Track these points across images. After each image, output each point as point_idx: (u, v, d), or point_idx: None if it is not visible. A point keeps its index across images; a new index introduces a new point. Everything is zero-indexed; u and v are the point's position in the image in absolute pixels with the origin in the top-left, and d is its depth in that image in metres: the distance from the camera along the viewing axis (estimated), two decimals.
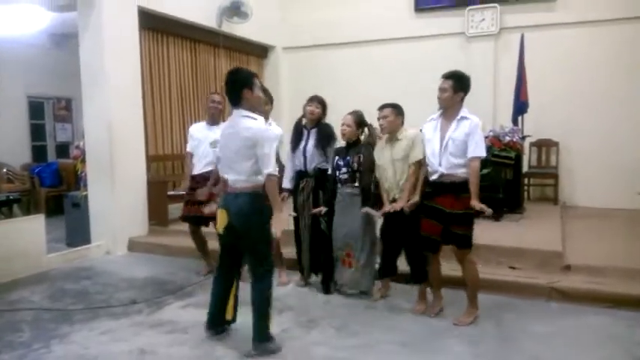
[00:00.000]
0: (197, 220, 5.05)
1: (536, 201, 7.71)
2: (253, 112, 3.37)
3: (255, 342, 3.35)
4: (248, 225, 3.30)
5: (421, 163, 3.92)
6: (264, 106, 4.30)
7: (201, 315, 4.05)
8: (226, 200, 3.39)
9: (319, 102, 4.59)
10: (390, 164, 4.05)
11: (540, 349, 3.43)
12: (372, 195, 4.22)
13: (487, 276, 4.42)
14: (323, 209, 4.39)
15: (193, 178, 5.04)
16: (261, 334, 3.35)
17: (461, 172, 3.68)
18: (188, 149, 5.17)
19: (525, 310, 4.09)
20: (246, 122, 3.28)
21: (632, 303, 3.99)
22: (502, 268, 4.66)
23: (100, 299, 4.53)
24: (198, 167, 5.02)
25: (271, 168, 3.23)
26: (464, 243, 3.74)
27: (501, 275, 4.52)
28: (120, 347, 3.53)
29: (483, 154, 3.69)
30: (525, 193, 7.52)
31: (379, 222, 4.30)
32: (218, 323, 3.59)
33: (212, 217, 4.96)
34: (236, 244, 3.43)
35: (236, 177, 3.32)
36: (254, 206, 3.29)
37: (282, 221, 3.37)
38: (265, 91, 4.32)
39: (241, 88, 3.30)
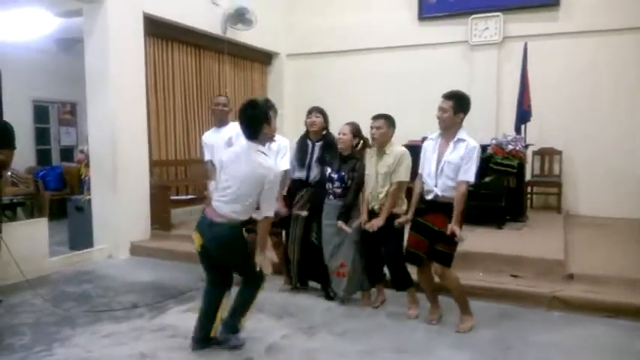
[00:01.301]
0: None
1: (539, 209, 7.69)
2: (264, 143, 3.42)
3: (223, 332, 3.46)
4: (222, 252, 3.34)
5: (403, 184, 4.01)
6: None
7: None
8: (201, 225, 3.36)
9: (319, 111, 4.57)
10: (373, 175, 4.12)
11: (541, 358, 3.42)
12: (351, 211, 4.25)
13: (489, 284, 4.44)
14: (303, 213, 4.42)
15: None
16: (232, 326, 3.46)
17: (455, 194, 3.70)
18: (206, 158, 5.07)
19: (527, 318, 4.08)
20: (260, 159, 3.27)
21: (634, 313, 3.98)
22: (504, 277, 4.65)
23: (101, 303, 4.54)
24: None
25: (271, 211, 3.32)
26: (445, 260, 3.75)
27: (503, 283, 4.51)
28: (121, 351, 3.54)
29: (471, 179, 3.66)
30: (528, 202, 7.51)
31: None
32: (204, 340, 3.50)
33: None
34: (215, 261, 3.44)
35: (230, 207, 3.27)
36: (230, 236, 3.29)
37: (267, 260, 3.44)
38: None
39: (262, 124, 3.30)
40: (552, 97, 7.54)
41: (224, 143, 4.90)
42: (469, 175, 3.65)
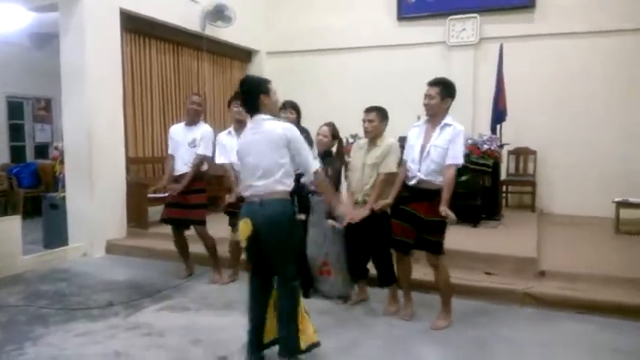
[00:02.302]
0: (178, 223, 5.04)
1: (514, 208, 7.81)
2: (269, 114, 3.25)
3: (281, 357, 3.17)
4: (276, 234, 3.09)
5: (392, 175, 3.96)
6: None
7: (178, 318, 4.05)
8: (250, 209, 3.14)
9: (292, 107, 4.63)
10: (360, 167, 4.09)
11: (514, 354, 3.48)
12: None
13: (463, 282, 4.47)
14: (303, 216, 4.32)
15: (176, 179, 5.02)
16: (287, 347, 3.16)
17: (439, 180, 3.70)
18: (169, 151, 5.16)
19: (500, 315, 4.14)
20: (271, 124, 3.14)
21: (605, 309, 4.07)
22: (478, 274, 4.71)
23: (76, 301, 4.49)
24: (179, 168, 5.01)
25: (316, 165, 3.24)
26: (435, 249, 3.79)
27: (477, 281, 4.57)
28: (95, 350, 3.51)
29: (460, 161, 3.70)
30: (503, 201, 7.64)
31: None
32: (258, 348, 3.24)
33: (194, 221, 4.98)
34: (263, 252, 3.18)
35: (263, 182, 3.10)
36: (284, 214, 3.10)
37: (348, 208, 3.40)
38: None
39: (258, 94, 3.17)
40: (528, 98, 7.65)
41: (187, 143, 4.92)
42: (456, 157, 3.67)
